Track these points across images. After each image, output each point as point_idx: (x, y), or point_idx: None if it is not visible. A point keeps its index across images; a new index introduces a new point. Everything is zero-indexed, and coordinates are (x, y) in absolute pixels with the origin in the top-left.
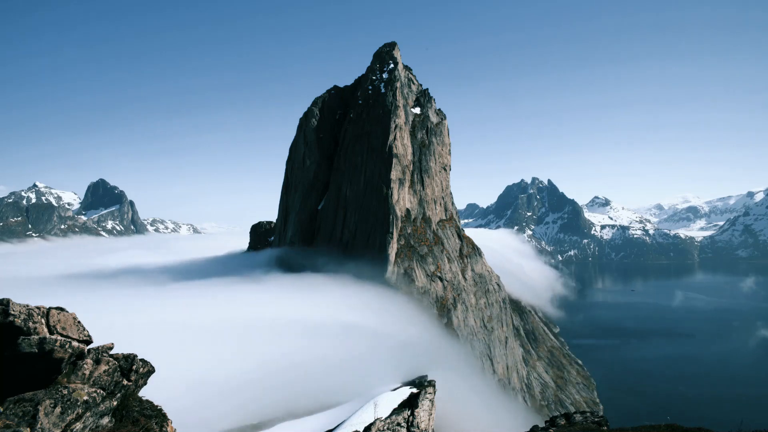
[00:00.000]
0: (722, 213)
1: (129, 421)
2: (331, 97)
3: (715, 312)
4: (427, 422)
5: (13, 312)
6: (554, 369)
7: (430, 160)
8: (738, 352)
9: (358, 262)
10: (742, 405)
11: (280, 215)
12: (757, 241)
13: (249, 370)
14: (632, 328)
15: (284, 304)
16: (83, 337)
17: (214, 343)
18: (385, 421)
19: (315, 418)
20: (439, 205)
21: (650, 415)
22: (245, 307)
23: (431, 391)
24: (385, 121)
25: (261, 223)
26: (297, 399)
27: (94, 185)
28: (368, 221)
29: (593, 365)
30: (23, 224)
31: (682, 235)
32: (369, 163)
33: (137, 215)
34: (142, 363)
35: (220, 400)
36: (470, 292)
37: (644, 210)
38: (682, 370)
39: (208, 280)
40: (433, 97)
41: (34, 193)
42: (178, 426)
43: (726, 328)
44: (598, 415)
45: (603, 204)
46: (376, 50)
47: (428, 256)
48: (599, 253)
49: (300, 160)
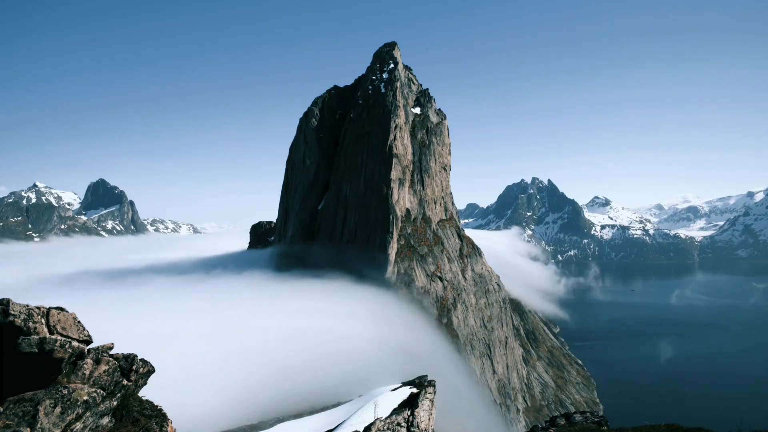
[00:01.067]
0: (722, 213)
1: (129, 421)
2: (331, 97)
3: (715, 312)
4: (427, 422)
5: (13, 312)
6: (554, 369)
7: (430, 160)
8: (738, 351)
9: (358, 262)
10: (742, 405)
11: (280, 215)
12: (757, 241)
13: (249, 370)
14: (632, 328)
15: (284, 305)
16: (83, 337)
17: (214, 344)
18: (385, 421)
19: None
20: (439, 205)
21: (650, 415)
22: (245, 307)
23: (431, 391)
24: (385, 121)
25: (261, 222)
26: (297, 399)
27: (94, 185)
28: (368, 221)
29: (593, 365)
30: (23, 224)
31: (682, 235)
32: (369, 163)
33: (137, 215)
34: (142, 363)
35: (220, 400)
36: (470, 292)
37: (644, 210)
38: (682, 369)
39: (209, 280)
40: (433, 97)
41: (34, 193)
42: (178, 426)
43: (726, 328)
44: (598, 415)
45: (603, 204)
46: (376, 50)
47: (428, 256)
48: (599, 253)
49: (300, 160)
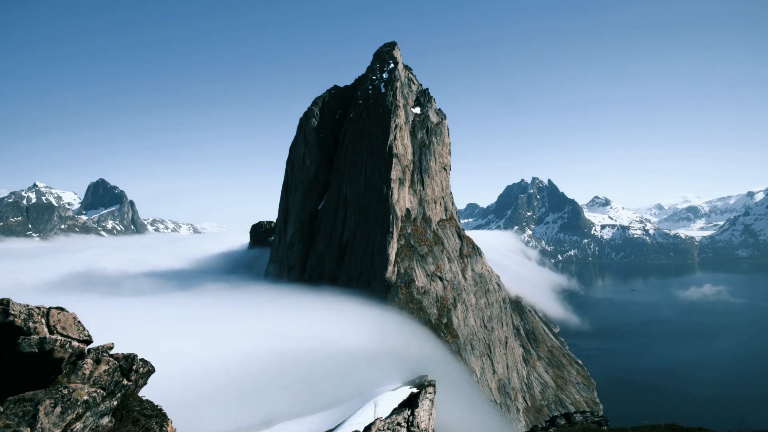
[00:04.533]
0: (722, 213)
1: (129, 420)
2: (331, 97)
3: (716, 312)
4: (427, 422)
5: (13, 312)
6: (554, 369)
7: (430, 160)
8: (738, 351)
9: (358, 263)
10: (742, 405)
11: (280, 215)
12: (757, 241)
13: (249, 370)
14: (632, 328)
15: (284, 305)
16: (83, 336)
17: (214, 344)
18: (385, 420)
19: (315, 418)
20: (439, 205)
21: (650, 415)
22: (246, 307)
23: (431, 391)
24: (385, 121)
25: (261, 223)
26: (297, 399)
27: (95, 185)
28: (368, 221)
29: (593, 365)
30: (23, 224)
31: (682, 235)
32: (369, 163)
33: (137, 215)
34: (142, 363)
35: (220, 400)
36: (470, 292)
37: (644, 210)
38: (682, 369)
39: (209, 280)
40: (433, 96)
41: (34, 193)
42: (178, 426)
43: (726, 327)
44: (598, 415)
45: (603, 204)
46: (376, 50)
47: (428, 256)
48: (599, 252)
49: (300, 159)
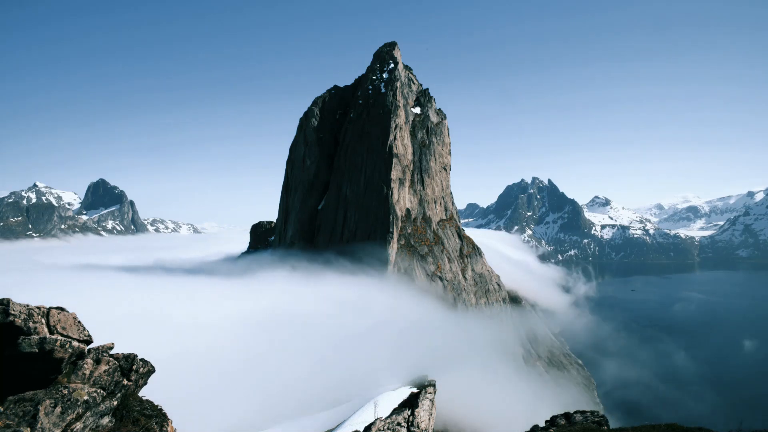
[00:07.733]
0: (722, 213)
1: (129, 420)
2: (331, 97)
3: (716, 312)
4: (427, 422)
5: (13, 312)
6: (554, 369)
7: (430, 160)
8: (738, 351)
9: (358, 262)
10: (742, 405)
11: (281, 215)
12: (757, 241)
13: (249, 370)
14: (632, 328)
15: (285, 306)
16: (83, 336)
17: (214, 344)
18: (385, 420)
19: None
20: (439, 205)
21: (650, 415)
22: (246, 308)
23: (431, 391)
24: (385, 121)
25: (261, 223)
26: (297, 399)
27: (95, 185)
28: (368, 221)
29: (593, 365)
30: (23, 224)
31: (682, 235)
32: (369, 163)
33: (137, 215)
34: (142, 363)
35: (220, 399)
36: (470, 292)
37: (644, 210)
38: (682, 369)
39: (209, 281)
40: (433, 96)
41: (34, 193)
42: (178, 426)
43: (726, 327)
44: (598, 415)
45: (603, 204)
46: (376, 50)
47: (428, 256)
48: (599, 252)
49: (300, 159)
